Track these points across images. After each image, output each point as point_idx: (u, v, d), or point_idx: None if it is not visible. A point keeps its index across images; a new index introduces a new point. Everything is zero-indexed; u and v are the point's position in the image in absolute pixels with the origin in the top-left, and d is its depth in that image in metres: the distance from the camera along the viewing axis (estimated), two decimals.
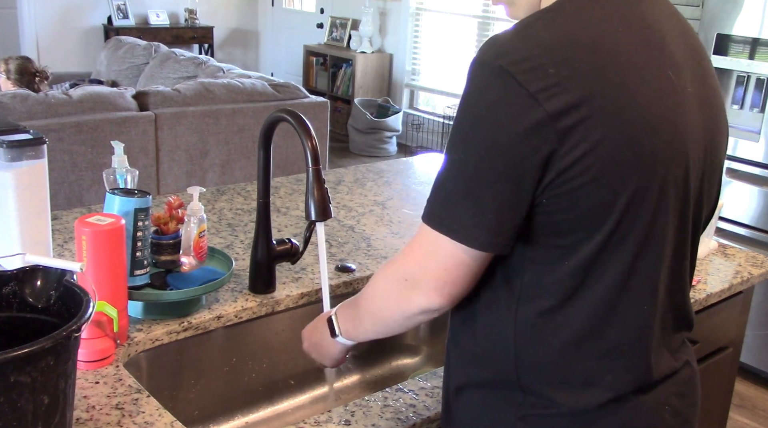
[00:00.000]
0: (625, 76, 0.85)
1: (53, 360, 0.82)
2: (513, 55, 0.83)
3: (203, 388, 1.35)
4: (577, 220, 0.86)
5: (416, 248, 0.92)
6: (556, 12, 0.87)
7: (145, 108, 3.59)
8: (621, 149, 0.84)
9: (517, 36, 0.86)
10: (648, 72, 0.87)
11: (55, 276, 0.95)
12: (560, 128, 0.81)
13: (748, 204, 3.01)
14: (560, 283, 0.89)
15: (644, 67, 0.87)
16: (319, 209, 1.20)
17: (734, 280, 1.66)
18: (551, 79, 0.81)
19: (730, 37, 2.98)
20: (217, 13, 7.62)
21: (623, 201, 0.85)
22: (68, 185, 3.32)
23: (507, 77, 0.82)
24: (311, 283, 1.47)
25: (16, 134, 1.21)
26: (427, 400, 1.13)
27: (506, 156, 0.83)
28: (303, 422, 1.05)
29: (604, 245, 0.87)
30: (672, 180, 0.89)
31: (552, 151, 0.82)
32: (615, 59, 0.85)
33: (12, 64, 4.04)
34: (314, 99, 4.16)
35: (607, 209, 0.85)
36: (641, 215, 0.87)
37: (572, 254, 0.88)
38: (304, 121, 1.24)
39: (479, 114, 0.85)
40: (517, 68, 0.82)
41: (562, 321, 0.90)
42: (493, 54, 0.84)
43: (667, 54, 0.90)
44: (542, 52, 0.83)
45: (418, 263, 0.92)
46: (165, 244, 1.30)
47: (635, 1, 0.91)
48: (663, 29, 0.92)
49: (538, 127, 0.81)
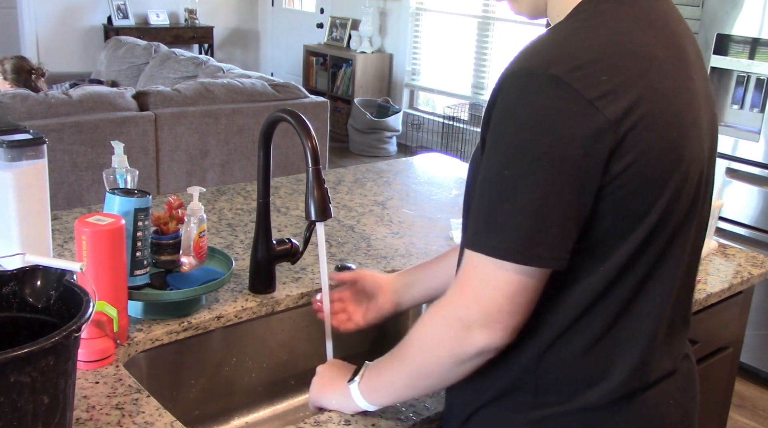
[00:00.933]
0: (664, 82, 0.86)
1: (53, 360, 0.82)
2: (565, 63, 0.82)
3: (203, 388, 1.35)
4: (616, 226, 0.86)
5: (469, 282, 0.86)
6: (592, 17, 0.87)
7: (145, 108, 3.60)
8: (665, 153, 0.84)
9: (563, 44, 0.85)
10: (678, 76, 0.89)
11: (55, 276, 0.95)
12: (619, 134, 0.81)
13: (748, 204, 3.01)
14: (590, 287, 0.88)
15: (675, 72, 0.88)
16: (319, 209, 1.20)
17: (734, 280, 1.66)
18: (606, 86, 0.81)
19: (730, 37, 2.98)
20: (217, 13, 7.62)
21: (662, 205, 0.86)
22: (68, 185, 3.32)
23: (563, 86, 0.80)
24: (311, 283, 1.47)
25: (16, 134, 1.21)
26: (427, 400, 1.13)
27: (570, 165, 0.80)
28: (303, 422, 1.05)
29: (637, 249, 0.87)
30: (696, 181, 0.91)
31: (611, 157, 0.81)
32: (653, 65, 0.86)
33: (7, 64, 4.04)
34: (314, 99, 4.16)
35: (645, 214, 0.86)
36: (673, 219, 0.88)
37: (607, 259, 0.87)
38: (304, 121, 1.24)
39: (535, 125, 0.81)
40: (571, 76, 0.80)
41: (586, 322, 0.90)
42: (542, 63, 0.83)
43: (686, 56, 0.92)
44: (593, 60, 0.82)
45: (475, 298, 0.85)
46: (165, 244, 1.30)
47: (655, 2, 0.92)
48: (679, 31, 0.93)
49: (600, 134, 0.80)
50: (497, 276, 0.83)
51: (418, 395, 1.00)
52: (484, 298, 0.85)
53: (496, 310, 0.84)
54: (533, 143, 0.81)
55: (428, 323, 0.92)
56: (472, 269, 0.86)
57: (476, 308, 0.85)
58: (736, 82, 3.03)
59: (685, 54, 0.92)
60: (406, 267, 1.60)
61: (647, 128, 0.83)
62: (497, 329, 0.85)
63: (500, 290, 0.84)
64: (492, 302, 0.84)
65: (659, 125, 0.84)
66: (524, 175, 0.81)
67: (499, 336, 0.86)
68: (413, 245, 1.71)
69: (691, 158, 0.89)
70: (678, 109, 0.87)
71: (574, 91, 0.80)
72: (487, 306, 0.85)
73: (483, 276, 0.85)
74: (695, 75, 0.93)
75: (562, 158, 0.80)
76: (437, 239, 1.75)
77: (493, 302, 0.84)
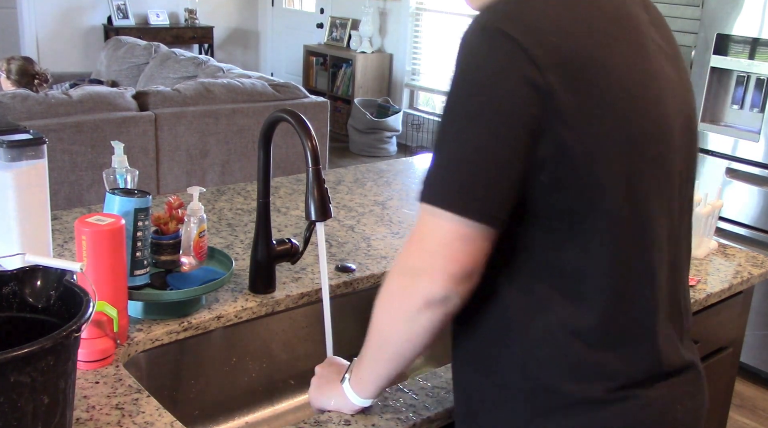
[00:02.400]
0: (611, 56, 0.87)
1: (53, 360, 0.82)
2: (513, 19, 0.84)
3: (203, 388, 1.35)
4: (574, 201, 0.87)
5: (414, 233, 0.89)
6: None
7: (145, 108, 3.60)
8: (614, 128, 0.86)
9: (516, 3, 0.86)
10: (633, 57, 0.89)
11: (55, 276, 0.95)
12: (556, 98, 0.82)
13: (748, 204, 3.01)
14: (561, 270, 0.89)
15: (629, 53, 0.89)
16: (319, 209, 1.20)
17: (734, 280, 1.66)
18: (551, 47, 0.82)
19: (730, 37, 2.98)
20: (217, 13, 7.62)
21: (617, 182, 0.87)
22: (68, 185, 3.32)
23: (506, 38, 0.82)
24: (311, 283, 1.47)
25: (16, 134, 1.21)
26: (427, 400, 1.13)
27: (505, 118, 0.82)
28: (303, 422, 1.05)
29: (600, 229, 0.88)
30: (660, 163, 0.91)
31: (545, 120, 0.83)
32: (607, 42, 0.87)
33: (13, 65, 4.04)
34: (314, 99, 4.16)
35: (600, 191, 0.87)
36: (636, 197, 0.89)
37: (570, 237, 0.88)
38: (304, 121, 1.24)
39: (475, 78, 0.84)
40: (517, 31, 0.82)
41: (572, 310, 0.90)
42: (491, 18, 0.85)
43: (645, 39, 0.93)
44: (543, 20, 0.84)
45: (418, 246, 0.88)
46: (165, 244, 1.30)
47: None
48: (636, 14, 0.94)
49: (533, 89, 0.82)
50: (435, 224, 0.86)
51: (396, 368, 0.97)
52: (425, 246, 0.87)
53: (435, 256, 0.86)
54: (472, 96, 0.84)
55: (384, 282, 0.94)
56: (418, 221, 0.88)
57: (418, 256, 0.88)
58: (736, 82, 3.03)
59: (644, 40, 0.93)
60: None
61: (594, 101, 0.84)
62: (436, 276, 0.86)
63: (438, 238, 0.86)
64: (431, 248, 0.86)
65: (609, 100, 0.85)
66: (461, 128, 0.85)
67: (439, 284, 0.86)
68: None
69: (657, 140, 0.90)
70: (633, 89, 0.88)
71: (517, 45, 0.82)
72: (428, 253, 0.87)
73: (424, 226, 0.87)
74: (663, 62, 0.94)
75: (498, 110, 0.82)
76: None
77: (433, 249, 0.86)
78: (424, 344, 0.93)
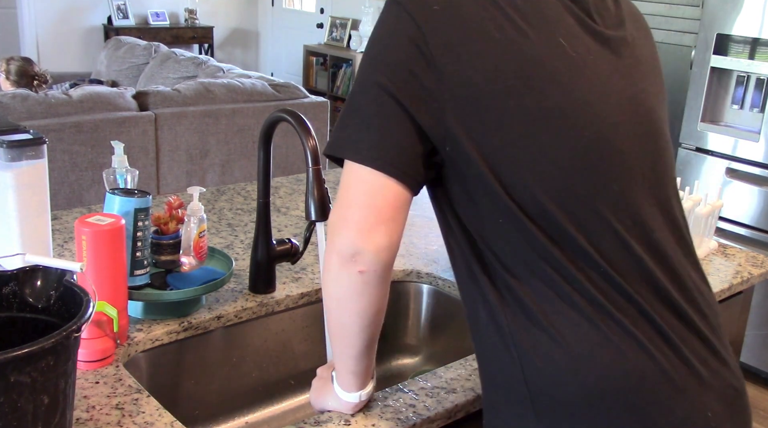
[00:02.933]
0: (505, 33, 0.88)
1: (53, 360, 0.82)
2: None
3: (203, 388, 1.35)
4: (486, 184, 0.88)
5: (339, 190, 0.91)
6: None
7: (145, 108, 3.59)
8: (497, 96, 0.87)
9: None
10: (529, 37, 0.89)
11: (55, 276, 0.95)
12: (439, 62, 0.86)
13: (748, 204, 3.01)
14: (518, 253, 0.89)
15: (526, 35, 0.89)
16: (319, 209, 1.20)
17: (734, 280, 1.66)
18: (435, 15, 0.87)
19: (730, 37, 2.98)
20: (217, 13, 7.62)
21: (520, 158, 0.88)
22: (68, 185, 3.32)
23: (398, 7, 0.89)
24: (311, 283, 1.47)
25: (16, 133, 1.21)
26: (427, 400, 1.13)
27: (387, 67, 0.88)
28: (303, 422, 1.05)
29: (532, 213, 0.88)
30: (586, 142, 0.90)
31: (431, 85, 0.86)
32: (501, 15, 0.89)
33: (13, 65, 4.04)
34: (314, 99, 4.16)
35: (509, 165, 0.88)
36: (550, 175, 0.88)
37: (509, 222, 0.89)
38: (304, 121, 1.24)
39: (372, 43, 0.92)
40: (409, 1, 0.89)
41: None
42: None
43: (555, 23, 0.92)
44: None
45: (339, 201, 0.91)
46: (165, 244, 1.30)
47: None
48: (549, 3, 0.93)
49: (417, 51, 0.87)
50: (345, 173, 0.90)
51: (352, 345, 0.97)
52: (342, 198, 0.90)
53: (343, 207, 0.89)
54: (367, 59, 0.91)
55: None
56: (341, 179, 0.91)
57: (338, 209, 0.90)
58: (736, 82, 3.03)
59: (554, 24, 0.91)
60: (405, 267, 1.60)
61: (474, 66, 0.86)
62: (343, 228, 0.88)
63: (344, 186, 0.89)
64: (341, 199, 0.90)
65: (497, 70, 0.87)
66: (358, 81, 0.91)
67: (345, 234, 0.88)
68: (413, 245, 1.71)
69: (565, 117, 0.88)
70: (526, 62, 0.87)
71: (405, 12, 0.88)
72: (344, 204, 0.89)
73: (344, 181, 0.90)
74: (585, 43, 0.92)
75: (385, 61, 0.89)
76: (437, 239, 1.75)
77: (341, 200, 0.89)
78: (358, 311, 0.93)
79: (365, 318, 0.94)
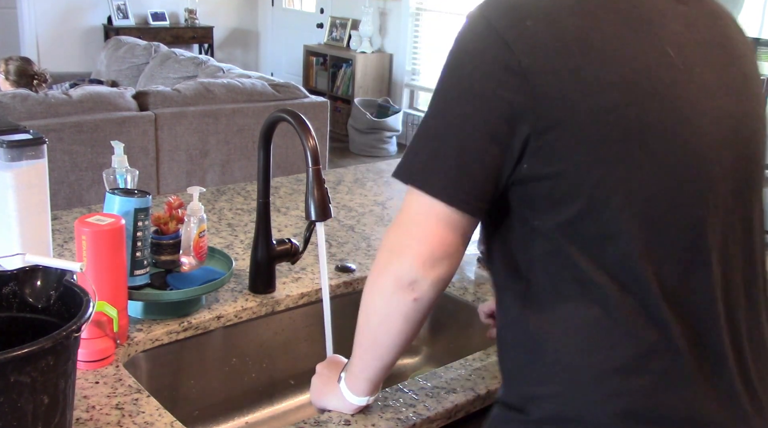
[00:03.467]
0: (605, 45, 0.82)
1: (53, 360, 0.82)
2: (498, 7, 0.84)
3: (203, 388, 1.35)
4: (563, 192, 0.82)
5: (401, 209, 0.88)
6: None
7: (145, 108, 3.60)
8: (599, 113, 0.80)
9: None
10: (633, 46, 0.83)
11: (55, 276, 0.95)
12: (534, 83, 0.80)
13: None
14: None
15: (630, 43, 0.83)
16: (319, 209, 1.20)
17: None
18: (529, 32, 0.81)
19: None
20: (217, 13, 7.62)
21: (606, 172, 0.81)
22: (68, 185, 3.32)
23: (486, 25, 0.83)
24: (311, 283, 1.47)
25: (16, 134, 1.21)
26: (427, 400, 1.13)
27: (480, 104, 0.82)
28: (303, 422, 1.05)
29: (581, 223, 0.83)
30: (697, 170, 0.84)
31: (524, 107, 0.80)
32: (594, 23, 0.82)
33: (12, 65, 4.04)
34: (314, 99, 4.16)
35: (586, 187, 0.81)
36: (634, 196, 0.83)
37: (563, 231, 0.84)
38: (304, 121, 1.24)
39: (455, 65, 0.85)
40: (494, 15, 0.83)
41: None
42: (481, 8, 0.86)
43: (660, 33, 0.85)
44: (524, 6, 0.83)
45: (397, 222, 0.87)
46: (165, 244, 1.30)
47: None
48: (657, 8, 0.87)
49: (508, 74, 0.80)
50: (410, 200, 0.86)
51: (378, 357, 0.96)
52: (401, 221, 0.87)
53: (408, 235, 0.86)
54: (450, 82, 0.85)
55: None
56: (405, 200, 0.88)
57: (395, 232, 0.88)
58: None
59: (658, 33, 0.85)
60: None
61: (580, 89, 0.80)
62: (407, 256, 0.85)
63: (411, 215, 0.86)
64: (405, 226, 0.87)
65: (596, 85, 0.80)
66: (437, 108, 0.86)
67: (407, 264, 0.85)
68: None
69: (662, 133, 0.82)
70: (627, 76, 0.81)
71: (494, 31, 0.82)
72: (403, 229, 0.87)
73: (404, 202, 0.87)
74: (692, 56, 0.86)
75: (469, 90, 0.82)
76: None
77: (406, 227, 0.86)
78: (399, 331, 0.91)
79: (405, 339, 0.93)
